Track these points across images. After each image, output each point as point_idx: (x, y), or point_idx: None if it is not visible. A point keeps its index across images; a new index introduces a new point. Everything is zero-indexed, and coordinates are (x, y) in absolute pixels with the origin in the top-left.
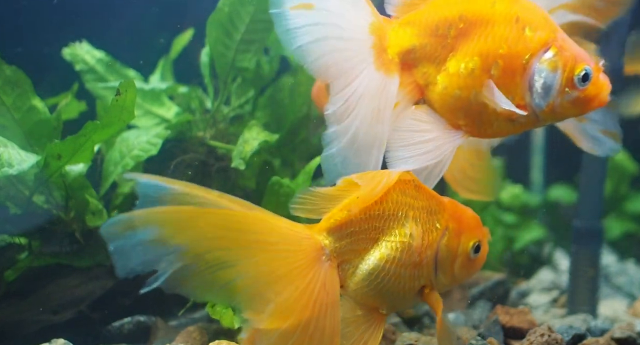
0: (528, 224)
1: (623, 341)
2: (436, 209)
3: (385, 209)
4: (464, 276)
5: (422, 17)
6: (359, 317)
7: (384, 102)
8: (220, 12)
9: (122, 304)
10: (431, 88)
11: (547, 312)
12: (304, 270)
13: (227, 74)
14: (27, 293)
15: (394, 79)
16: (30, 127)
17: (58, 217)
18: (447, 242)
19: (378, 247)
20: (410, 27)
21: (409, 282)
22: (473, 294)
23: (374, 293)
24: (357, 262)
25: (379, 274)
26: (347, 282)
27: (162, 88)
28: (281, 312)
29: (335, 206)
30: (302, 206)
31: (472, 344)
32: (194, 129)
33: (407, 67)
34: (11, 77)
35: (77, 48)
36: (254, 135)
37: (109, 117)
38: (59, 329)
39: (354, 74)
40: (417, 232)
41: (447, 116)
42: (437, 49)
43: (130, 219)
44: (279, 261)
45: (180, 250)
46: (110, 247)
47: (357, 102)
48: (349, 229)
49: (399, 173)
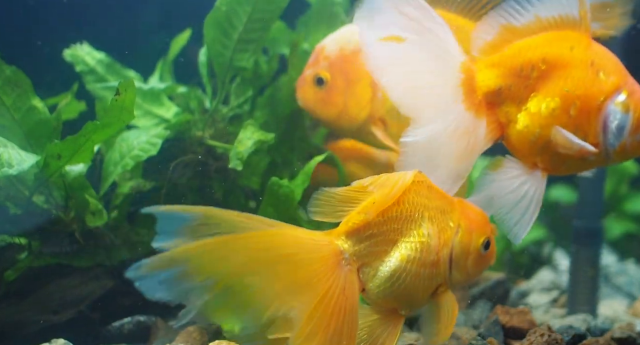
0: None
1: (623, 341)
2: (448, 208)
3: (402, 210)
4: (477, 272)
5: (506, 58)
6: (374, 322)
7: (472, 143)
8: (218, 12)
9: (122, 304)
10: (512, 126)
11: (547, 312)
12: (324, 277)
13: (226, 74)
14: (27, 293)
15: (483, 120)
16: (30, 127)
17: (58, 217)
18: (461, 239)
19: (397, 249)
20: (496, 68)
21: (428, 281)
22: (473, 294)
23: (395, 294)
24: (377, 264)
25: (400, 275)
26: (369, 285)
27: (161, 88)
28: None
29: (352, 209)
30: (319, 209)
31: (472, 344)
32: (193, 128)
33: (490, 106)
34: (11, 77)
35: (78, 49)
36: (248, 134)
37: (109, 117)
38: (59, 329)
39: (442, 111)
40: (434, 232)
41: (524, 154)
42: (520, 89)
43: (154, 263)
44: (301, 272)
45: (207, 283)
46: (136, 284)
47: (444, 140)
48: (367, 232)
49: (414, 174)
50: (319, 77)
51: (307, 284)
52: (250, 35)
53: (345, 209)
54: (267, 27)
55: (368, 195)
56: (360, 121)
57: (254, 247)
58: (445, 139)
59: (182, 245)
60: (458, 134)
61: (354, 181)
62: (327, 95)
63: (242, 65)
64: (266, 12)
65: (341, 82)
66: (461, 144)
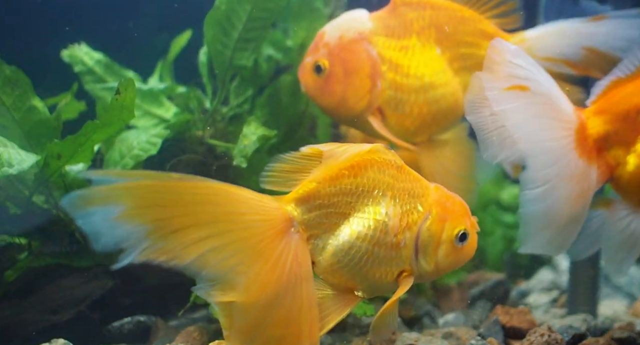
0: None
1: (623, 341)
2: (420, 192)
3: (359, 184)
4: (449, 265)
5: (612, 105)
6: (325, 296)
7: (585, 187)
8: (218, 11)
9: (122, 304)
10: (621, 168)
11: (547, 312)
12: (274, 241)
13: (225, 73)
14: (27, 293)
15: (594, 166)
16: (30, 127)
17: (58, 217)
18: (430, 226)
19: (349, 223)
20: (604, 115)
21: (386, 264)
22: (473, 294)
23: (346, 272)
24: (327, 237)
25: (349, 251)
26: (318, 258)
27: (161, 88)
28: (255, 284)
29: (305, 177)
30: (271, 179)
31: (472, 344)
32: (192, 128)
33: (600, 151)
34: (11, 77)
35: (76, 49)
36: (252, 130)
37: (109, 117)
38: (59, 329)
39: (557, 157)
40: (395, 212)
41: (634, 194)
42: (628, 133)
43: (91, 195)
44: (247, 232)
45: (146, 227)
46: (79, 222)
47: (561, 186)
48: (317, 201)
49: (371, 146)
50: (317, 65)
51: (254, 247)
52: (250, 34)
53: (299, 177)
54: (266, 26)
55: (322, 164)
56: (358, 111)
57: (196, 198)
58: (562, 185)
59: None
60: (574, 179)
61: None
62: (326, 84)
63: (242, 64)
64: (266, 11)
65: (340, 71)
66: (576, 189)
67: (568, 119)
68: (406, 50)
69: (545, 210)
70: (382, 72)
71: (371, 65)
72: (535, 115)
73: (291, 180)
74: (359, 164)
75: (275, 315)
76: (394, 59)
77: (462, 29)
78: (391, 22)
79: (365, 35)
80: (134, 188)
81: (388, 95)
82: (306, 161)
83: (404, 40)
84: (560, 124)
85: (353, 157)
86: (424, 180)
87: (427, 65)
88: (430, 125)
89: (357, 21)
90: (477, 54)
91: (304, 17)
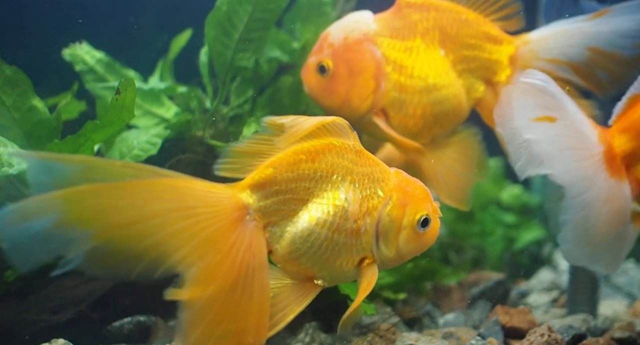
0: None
1: (623, 341)
2: (380, 177)
3: (317, 169)
4: (411, 251)
5: (634, 121)
6: (284, 286)
7: (623, 205)
8: (219, 11)
9: (122, 304)
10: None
11: (547, 312)
12: (227, 231)
13: (226, 74)
14: (27, 293)
15: (625, 183)
16: (30, 127)
17: None
18: (390, 211)
19: (307, 210)
20: (627, 132)
21: (346, 250)
22: (473, 294)
23: (305, 260)
24: (285, 224)
25: (308, 238)
26: (276, 246)
27: (161, 88)
28: (205, 277)
29: (261, 163)
30: (227, 165)
31: (472, 344)
32: (193, 128)
33: (628, 167)
34: (11, 77)
35: (77, 49)
36: (252, 130)
37: (109, 117)
38: (59, 329)
39: (591, 182)
40: (354, 198)
41: None
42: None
43: (22, 209)
44: (199, 225)
45: (88, 233)
46: (4, 246)
47: (599, 209)
48: (274, 187)
49: (333, 118)
50: (321, 65)
51: (206, 239)
52: (251, 34)
53: (254, 163)
54: (267, 26)
55: (278, 149)
56: (361, 112)
57: (139, 196)
58: (599, 207)
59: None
60: (610, 200)
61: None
62: (330, 84)
63: (243, 65)
64: (267, 12)
65: (344, 71)
66: (613, 208)
67: (595, 143)
68: (410, 52)
69: (589, 233)
70: (386, 73)
71: (375, 66)
72: (565, 147)
73: (247, 165)
74: (317, 148)
75: (223, 309)
76: (398, 60)
77: (465, 32)
78: (395, 24)
79: (370, 36)
80: (71, 194)
81: (392, 96)
82: (263, 145)
83: (408, 41)
84: (589, 151)
85: (315, 126)
86: (383, 165)
87: (431, 67)
88: (433, 126)
89: (362, 22)
90: (480, 57)
91: (311, 20)
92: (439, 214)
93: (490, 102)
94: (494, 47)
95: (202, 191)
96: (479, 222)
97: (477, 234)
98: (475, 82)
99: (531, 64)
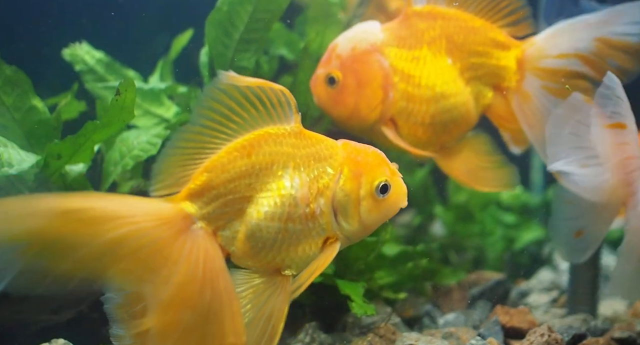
0: (528, 224)
1: (623, 341)
2: (326, 154)
3: (254, 163)
4: (375, 220)
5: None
6: (257, 286)
7: None
8: (219, 12)
9: None
10: None
11: (547, 312)
12: (176, 243)
13: None
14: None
15: None
16: (30, 127)
17: None
18: (344, 186)
19: (254, 205)
20: None
21: (305, 236)
22: (473, 294)
23: (265, 255)
24: (235, 225)
25: (261, 234)
26: (232, 248)
27: (162, 88)
28: (168, 290)
29: (195, 171)
30: (160, 184)
31: (472, 344)
32: None
33: None
34: (11, 77)
35: (77, 48)
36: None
37: (109, 117)
38: (59, 329)
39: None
40: (301, 182)
41: None
42: None
43: None
44: (143, 241)
45: (17, 248)
46: None
47: None
48: (212, 192)
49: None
50: (330, 77)
51: (154, 255)
52: (252, 35)
53: (187, 173)
54: (268, 27)
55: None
56: (370, 122)
57: (79, 219)
58: None
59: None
60: None
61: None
62: (339, 95)
63: (244, 65)
64: (267, 12)
65: (352, 82)
66: None
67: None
68: (418, 61)
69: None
70: (394, 83)
71: (383, 76)
72: (635, 155)
73: (180, 178)
74: (251, 142)
75: (196, 315)
76: (406, 70)
77: (473, 39)
78: (403, 33)
79: (377, 47)
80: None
81: (400, 105)
82: (190, 151)
83: (415, 50)
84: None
85: (255, 84)
86: (329, 140)
87: (438, 76)
88: (441, 135)
89: (369, 33)
90: (488, 64)
91: (318, 20)
92: (398, 175)
93: (500, 108)
94: (502, 53)
95: (140, 206)
96: (479, 222)
97: (477, 234)
98: (484, 89)
99: (540, 62)
